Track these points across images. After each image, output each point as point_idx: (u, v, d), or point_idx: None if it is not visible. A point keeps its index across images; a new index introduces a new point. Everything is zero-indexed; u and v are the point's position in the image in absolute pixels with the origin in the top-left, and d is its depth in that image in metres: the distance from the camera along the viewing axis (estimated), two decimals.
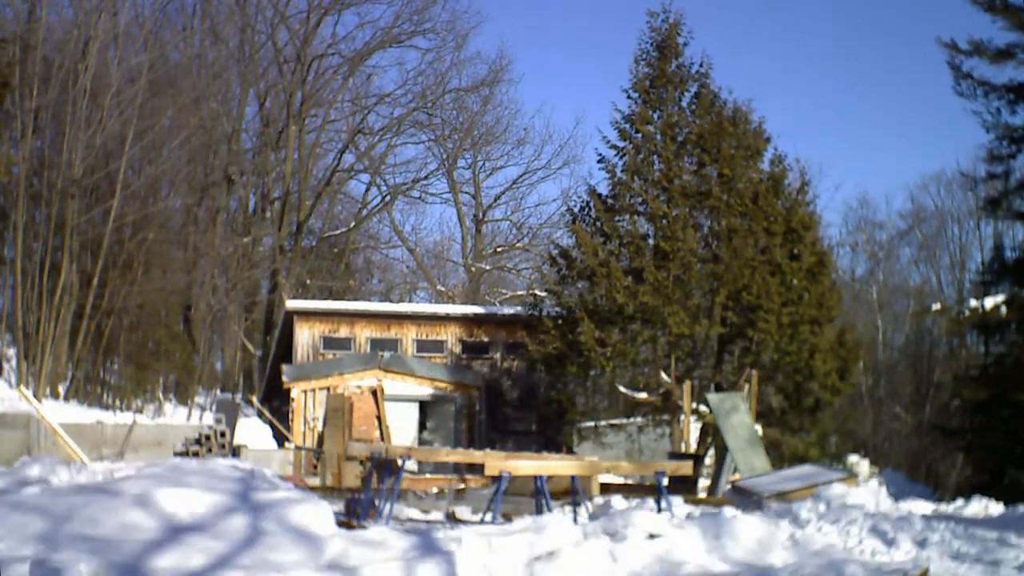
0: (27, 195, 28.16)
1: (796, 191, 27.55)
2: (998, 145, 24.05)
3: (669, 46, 27.96)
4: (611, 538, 10.26)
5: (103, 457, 23.94)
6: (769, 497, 16.98)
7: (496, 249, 52.16)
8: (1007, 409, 22.61)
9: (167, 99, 34.48)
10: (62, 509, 9.94)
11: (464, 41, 57.04)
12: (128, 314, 30.46)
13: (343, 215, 50.86)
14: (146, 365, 31.99)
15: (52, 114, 29.17)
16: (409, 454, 15.40)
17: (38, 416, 23.60)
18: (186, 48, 43.60)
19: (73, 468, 14.13)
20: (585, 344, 26.08)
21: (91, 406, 28.39)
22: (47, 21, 30.54)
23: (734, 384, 26.46)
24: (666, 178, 27.10)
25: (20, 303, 27.24)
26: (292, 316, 30.88)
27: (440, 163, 51.24)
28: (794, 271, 25.97)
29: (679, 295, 25.78)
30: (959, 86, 23.89)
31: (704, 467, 24.85)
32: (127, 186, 30.30)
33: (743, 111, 27.66)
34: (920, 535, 12.19)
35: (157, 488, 10.61)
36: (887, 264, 47.95)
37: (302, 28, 46.29)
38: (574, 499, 14.77)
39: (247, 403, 33.56)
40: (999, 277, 24.48)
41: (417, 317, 31.70)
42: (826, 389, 26.17)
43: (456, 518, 16.27)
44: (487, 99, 51.48)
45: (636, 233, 27.30)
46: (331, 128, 48.87)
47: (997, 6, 23.03)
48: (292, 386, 28.67)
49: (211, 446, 24.45)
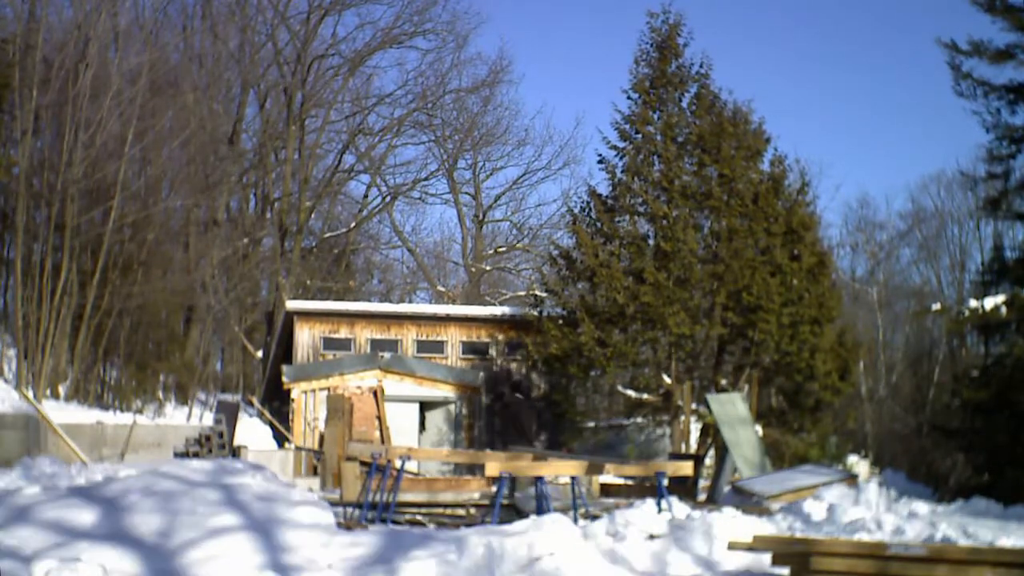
0: (27, 195, 28.14)
1: (796, 191, 27.56)
2: (998, 145, 23.99)
3: (669, 47, 27.97)
4: (611, 538, 10.25)
5: (103, 457, 23.98)
6: (769, 498, 17.00)
7: (496, 250, 52.15)
8: (1007, 409, 22.57)
9: (167, 99, 34.45)
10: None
11: (464, 42, 57.13)
12: (128, 314, 30.43)
13: (343, 216, 50.85)
14: (146, 365, 31.97)
15: (52, 114, 29.14)
16: (409, 454, 15.42)
17: (39, 416, 23.60)
18: (186, 48, 43.59)
19: (74, 468, 14.13)
20: (585, 345, 26.09)
21: (91, 406, 28.37)
22: (47, 21, 30.51)
23: (734, 384, 26.47)
24: (666, 179, 27.10)
25: (20, 303, 27.22)
26: (292, 317, 30.88)
27: (440, 164, 51.28)
28: (794, 271, 25.98)
29: (679, 296, 25.78)
30: (959, 86, 23.83)
31: (704, 468, 24.83)
32: (127, 186, 30.28)
33: (743, 112, 27.69)
34: (921, 534, 12.19)
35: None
36: (887, 264, 47.90)
37: (302, 28, 46.30)
38: (574, 499, 14.78)
39: (247, 404, 33.55)
40: (999, 277, 24.42)
41: (417, 318, 31.71)
42: (826, 389, 26.17)
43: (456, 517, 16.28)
44: (487, 100, 51.50)
45: (636, 234, 27.31)
46: (331, 129, 48.89)
47: (997, 6, 22.98)
48: (292, 387, 28.68)
49: (211, 447, 24.47)
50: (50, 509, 10.39)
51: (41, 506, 10.48)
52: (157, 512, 10.38)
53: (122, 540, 9.70)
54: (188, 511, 10.34)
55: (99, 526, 10.13)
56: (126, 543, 9.64)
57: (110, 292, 28.84)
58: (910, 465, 33.26)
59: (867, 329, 39.83)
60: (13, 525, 9.89)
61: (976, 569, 8.70)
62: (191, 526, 10.02)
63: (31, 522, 10.00)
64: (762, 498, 17.06)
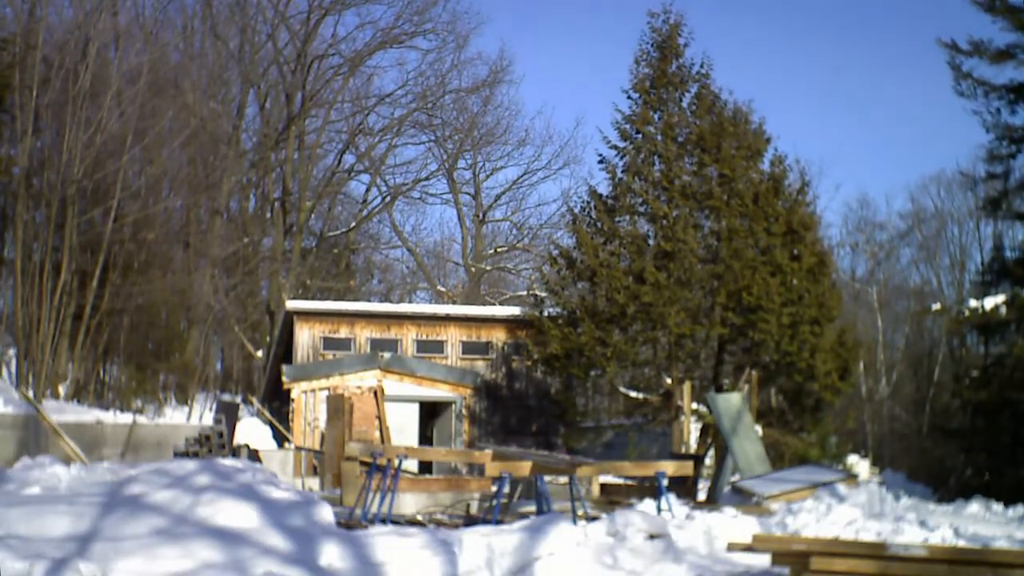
0: (27, 195, 28.15)
1: (796, 191, 27.55)
2: (998, 145, 24.02)
3: (669, 47, 27.95)
4: (611, 538, 10.24)
5: (103, 457, 23.95)
6: (769, 497, 16.98)
7: (496, 250, 52.12)
8: (1007, 409, 22.58)
9: (167, 99, 34.46)
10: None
11: (465, 42, 56.92)
12: (128, 314, 30.42)
13: (343, 216, 50.83)
14: (146, 365, 31.97)
15: (52, 114, 29.14)
16: (407, 453, 15.41)
17: (39, 416, 23.61)
18: (186, 48, 43.58)
19: (74, 468, 14.12)
20: (586, 345, 26.08)
21: (91, 406, 28.37)
22: (47, 21, 30.53)
23: (734, 384, 26.46)
24: (667, 178, 27.10)
25: (20, 303, 27.22)
26: (292, 316, 30.88)
27: (440, 164, 51.23)
28: (794, 271, 25.96)
29: (680, 296, 25.78)
30: (959, 86, 23.85)
31: (704, 468, 24.83)
32: (127, 186, 30.27)
33: (743, 112, 27.67)
34: (920, 534, 12.19)
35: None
36: (887, 264, 47.94)
37: (302, 28, 46.24)
38: (572, 500, 14.78)
39: (247, 404, 33.55)
40: (999, 277, 24.44)
41: (417, 317, 31.70)
42: (826, 389, 26.15)
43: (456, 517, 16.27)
44: (488, 100, 51.41)
45: (637, 233, 27.29)
46: (331, 129, 48.84)
47: (997, 6, 22.99)
48: (292, 386, 28.68)
49: (211, 446, 24.45)
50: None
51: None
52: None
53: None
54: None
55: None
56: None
57: (110, 292, 28.84)
58: (910, 465, 33.28)
59: (867, 329, 39.85)
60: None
61: (976, 569, 8.70)
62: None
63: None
64: (762, 498, 17.04)
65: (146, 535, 9.70)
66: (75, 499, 10.80)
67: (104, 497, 10.93)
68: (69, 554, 8.97)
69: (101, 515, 10.15)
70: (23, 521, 9.96)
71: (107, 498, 10.89)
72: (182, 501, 10.62)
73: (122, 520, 10.06)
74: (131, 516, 10.24)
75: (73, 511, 10.24)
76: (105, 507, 10.43)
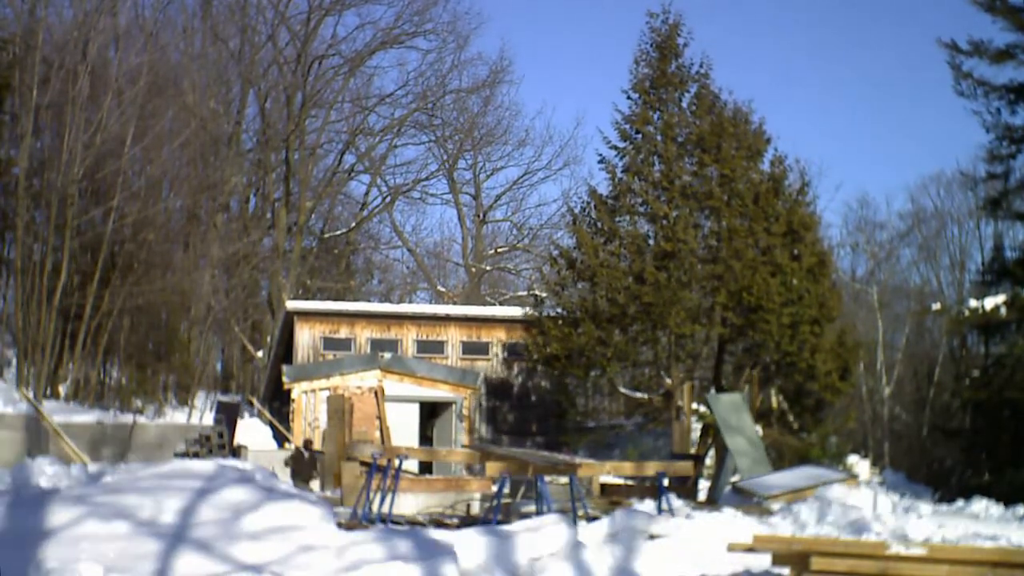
0: (27, 195, 28.14)
1: (796, 192, 27.55)
2: (998, 145, 24.06)
3: (669, 47, 27.95)
4: (611, 539, 10.26)
5: (104, 458, 23.98)
6: (769, 498, 16.98)
7: (496, 250, 52.13)
8: (1007, 409, 22.60)
9: (167, 99, 34.45)
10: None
11: (465, 42, 56.92)
12: (128, 314, 30.40)
13: (343, 216, 50.83)
14: (146, 366, 31.95)
15: (52, 114, 29.14)
16: (407, 454, 15.41)
17: (39, 417, 23.63)
18: (186, 48, 43.56)
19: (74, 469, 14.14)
20: (586, 345, 26.08)
21: (91, 407, 28.36)
22: (47, 21, 30.52)
23: (735, 384, 26.46)
24: (667, 179, 27.10)
25: (20, 303, 27.22)
26: (292, 317, 30.88)
27: (440, 164, 51.26)
28: (795, 271, 25.95)
29: (680, 296, 25.77)
30: (959, 86, 23.90)
31: (705, 468, 24.82)
32: (127, 186, 30.25)
33: (743, 112, 27.66)
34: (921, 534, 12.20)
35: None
36: (887, 265, 47.90)
37: (302, 29, 46.28)
38: (573, 500, 14.77)
39: (247, 404, 33.54)
40: (999, 277, 24.48)
41: (417, 318, 31.70)
42: (827, 389, 26.16)
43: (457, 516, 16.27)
44: (488, 100, 51.44)
45: (637, 234, 27.29)
46: (331, 129, 48.86)
47: (997, 6, 23.03)
48: (292, 387, 28.67)
49: (211, 447, 24.45)
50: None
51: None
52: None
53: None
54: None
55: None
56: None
57: (110, 292, 28.82)
58: (910, 465, 33.30)
59: (867, 329, 39.80)
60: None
61: (976, 569, 8.71)
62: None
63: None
64: (762, 498, 17.05)
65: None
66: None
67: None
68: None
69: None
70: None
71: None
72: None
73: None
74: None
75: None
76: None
